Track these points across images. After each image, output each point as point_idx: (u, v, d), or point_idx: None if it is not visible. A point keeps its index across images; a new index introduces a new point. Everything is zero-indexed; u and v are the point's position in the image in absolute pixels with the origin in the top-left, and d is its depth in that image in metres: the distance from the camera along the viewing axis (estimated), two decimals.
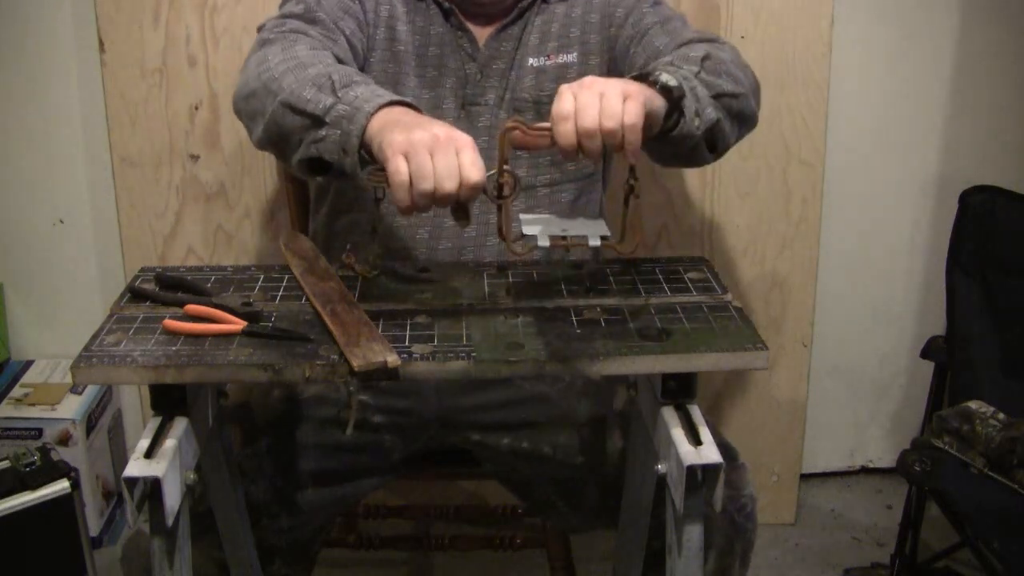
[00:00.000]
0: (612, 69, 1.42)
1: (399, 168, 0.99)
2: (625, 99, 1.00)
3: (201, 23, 1.78)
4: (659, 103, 1.07)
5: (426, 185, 0.98)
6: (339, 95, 1.08)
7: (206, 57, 1.80)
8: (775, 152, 1.91)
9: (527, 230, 1.08)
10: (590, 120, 0.99)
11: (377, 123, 1.04)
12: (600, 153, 1.01)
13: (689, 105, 1.12)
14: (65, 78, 1.94)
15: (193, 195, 1.87)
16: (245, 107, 1.21)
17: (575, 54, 1.41)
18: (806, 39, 1.85)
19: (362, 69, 1.35)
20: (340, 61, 1.23)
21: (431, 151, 0.99)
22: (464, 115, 1.39)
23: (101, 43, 1.79)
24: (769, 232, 1.96)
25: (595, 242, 1.08)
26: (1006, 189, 1.77)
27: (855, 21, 1.96)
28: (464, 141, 1.01)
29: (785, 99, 1.87)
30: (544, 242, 1.07)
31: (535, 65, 1.40)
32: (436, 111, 1.38)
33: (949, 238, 1.78)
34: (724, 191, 1.93)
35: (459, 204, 1.02)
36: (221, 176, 1.86)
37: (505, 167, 1.05)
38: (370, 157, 1.06)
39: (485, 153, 1.39)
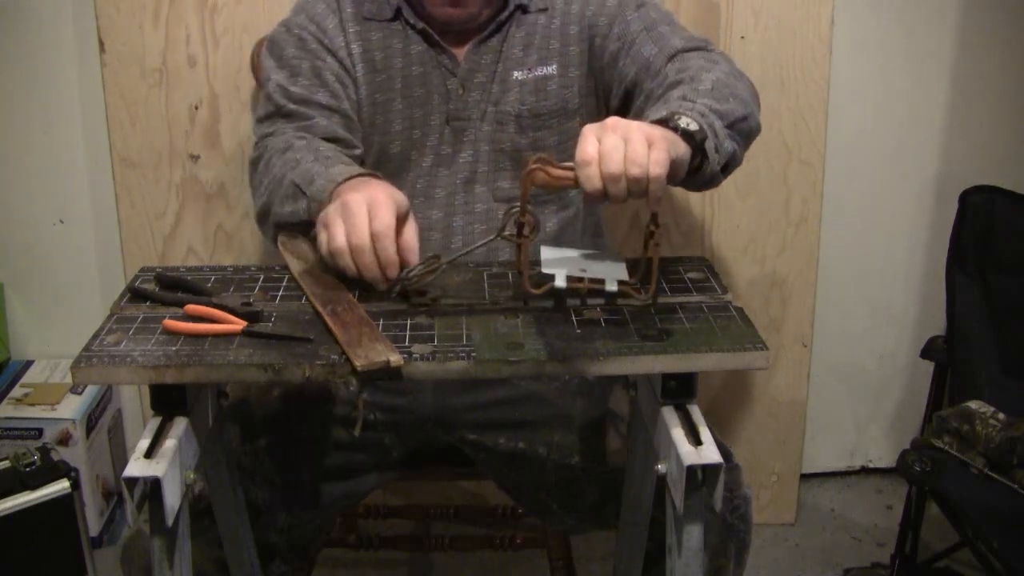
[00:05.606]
0: (597, 80, 1.41)
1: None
2: (650, 145, 1.00)
3: (201, 23, 1.78)
4: (683, 149, 1.07)
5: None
6: (307, 193, 1.22)
7: (206, 57, 1.80)
8: (775, 152, 1.91)
9: (546, 268, 1.08)
10: (615, 165, 0.99)
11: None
12: (625, 198, 1.01)
13: (710, 145, 1.12)
14: (65, 78, 1.94)
15: (193, 195, 1.87)
16: (265, 223, 1.34)
17: (555, 66, 1.40)
18: (806, 39, 1.85)
19: (359, 103, 1.40)
20: (330, 138, 1.35)
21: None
22: (448, 131, 1.40)
23: (101, 43, 1.79)
24: (769, 232, 1.96)
25: (612, 287, 1.08)
26: (1006, 189, 1.77)
27: (855, 21, 1.96)
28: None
29: (785, 99, 1.87)
30: (561, 282, 1.07)
31: (519, 78, 1.39)
32: (424, 128, 1.40)
33: (949, 238, 1.78)
34: (724, 191, 1.93)
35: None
36: (221, 176, 1.86)
37: (528, 206, 1.06)
38: None
39: (470, 166, 1.40)
